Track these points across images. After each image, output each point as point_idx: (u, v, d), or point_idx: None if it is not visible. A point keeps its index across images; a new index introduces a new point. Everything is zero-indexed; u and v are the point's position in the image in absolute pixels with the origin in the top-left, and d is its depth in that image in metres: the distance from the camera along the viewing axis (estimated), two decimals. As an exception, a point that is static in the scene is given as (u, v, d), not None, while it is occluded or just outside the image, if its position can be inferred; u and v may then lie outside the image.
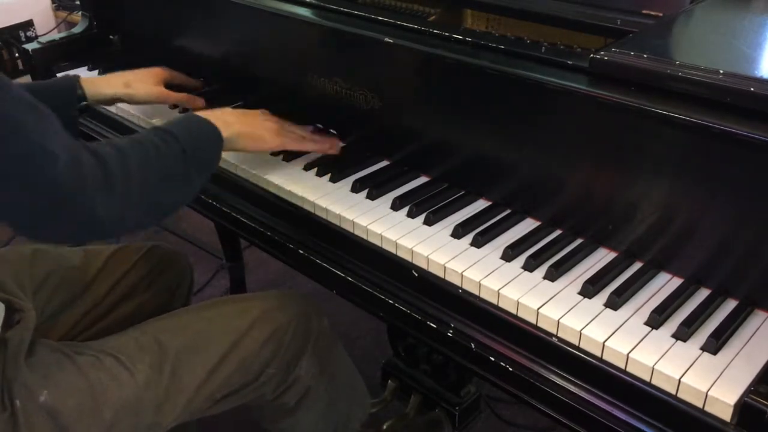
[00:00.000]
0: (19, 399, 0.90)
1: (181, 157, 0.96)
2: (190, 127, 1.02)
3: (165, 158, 0.94)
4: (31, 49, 1.62)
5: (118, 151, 0.89)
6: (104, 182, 0.84)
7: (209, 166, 1.04)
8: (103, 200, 0.84)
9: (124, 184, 0.87)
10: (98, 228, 0.87)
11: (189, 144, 0.97)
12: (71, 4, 2.85)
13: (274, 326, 1.12)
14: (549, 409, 0.86)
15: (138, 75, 1.32)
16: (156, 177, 0.93)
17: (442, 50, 1.03)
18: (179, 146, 0.96)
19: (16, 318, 0.96)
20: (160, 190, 0.94)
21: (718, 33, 0.99)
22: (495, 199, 1.06)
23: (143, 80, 1.31)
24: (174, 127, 0.99)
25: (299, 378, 1.15)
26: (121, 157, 0.88)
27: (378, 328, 1.89)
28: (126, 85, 1.29)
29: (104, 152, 0.87)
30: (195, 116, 1.06)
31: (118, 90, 1.28)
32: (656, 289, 0.89)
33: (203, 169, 1.01)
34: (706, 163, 0.82)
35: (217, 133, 1.04)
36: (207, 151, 1.02)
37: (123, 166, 0.87)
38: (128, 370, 0.99)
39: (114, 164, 0.86)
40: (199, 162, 0.99)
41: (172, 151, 0.95)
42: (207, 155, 1.02)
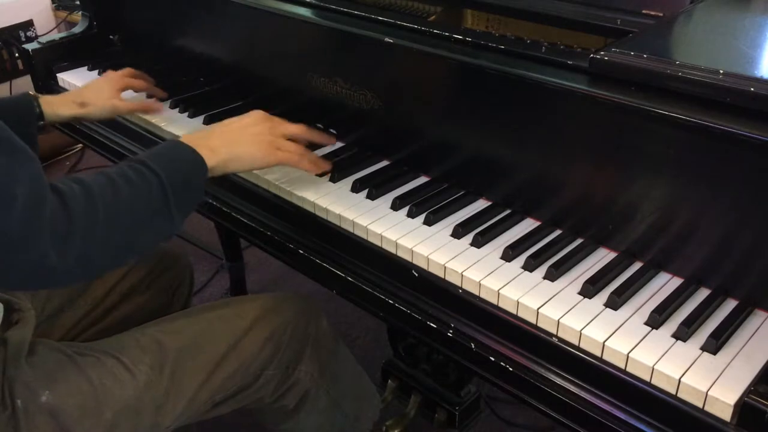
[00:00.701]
0: (21, 399, 0.90)
1: (159, 192, 0.88)
2: (172, 156, 0.95)
3: (139, 194, 0.87)
4: (31, 49, 1.62)
5: (85, 189, 0.82)
6: (65, 226, 0.78)
7: (192, 199, 0.96)
8: (60, 247, 0.77)
9: (87, 226, 0.80)
10: (54, 277, 0.80)
11: (169, 177, 0.89)
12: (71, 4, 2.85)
13: (273, 327, 1.11)
14: (549, 409, 0.86)
15: (94, 90, 1.29)
16: (127, 215, 0.85)
17: (442, 50, 1.03)
18: (157, 180, 0.88)
19: (15, 318, 0.95)
20: (132, 228, 0.86)
21: (718, 33, 0.99)
22: (495, 199, 1.06)
23: (99, 95, 1.27)
24: (153, 159, 0.91)
25: (298, 380, 1.15)
26: (86, 197, 0.81)
27: (378, 328, 1.89)
28: (81, 105, 1.26)
29: (68, 192, 0.80)
30: (178, 144, 0.98)
31: (73, 110, 1.25)
32: (656, 289, 0.89)
33: (185, 203, 0.93)
34: (706, 163, 0.82)
35: (200, 162, 0.96)
36: (189, 184, 0.94)
37: (88, 206, 0.81)
38: (129, 370, 0.99)
39: (77, 205, 0.79)
40: (180, 196, 0.91)
41: (148, 185, 0.88)
42: (189, 188, 0.94)
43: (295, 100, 1.30)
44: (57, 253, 0.76)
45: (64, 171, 2.90)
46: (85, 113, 1.26)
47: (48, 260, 0.76)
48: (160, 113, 1.35)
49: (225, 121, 1.07)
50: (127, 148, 1.43)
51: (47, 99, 1.24)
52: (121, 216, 0.84)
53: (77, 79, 1.57)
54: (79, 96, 1.27)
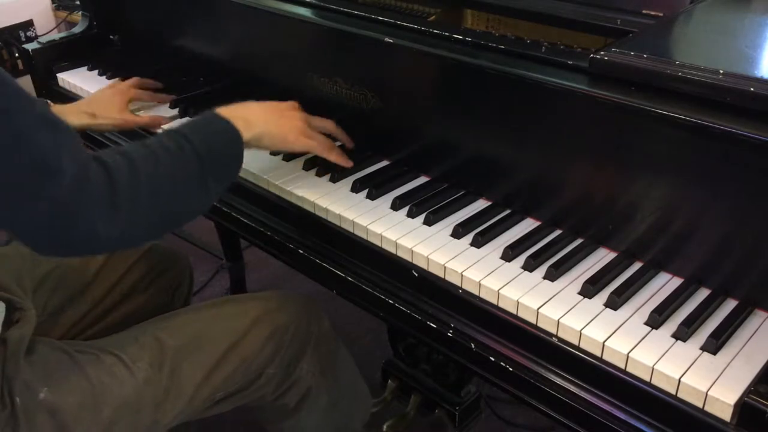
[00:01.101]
0: (20, 397, 0.91)
1: (197, 163, 0.91)
2: (208, 129, 0.97)
3: (178, 165, 0.89)
4: (31, 49, 1.62)
5: (128, 160, 0.85)
6: (110, 197, 0.81)
7: (229, 171, 0.98)
8: (107, 217, 0.81)
9: (132, 197, 0.83)
10: (99, 245, 0.85)
11: (205, 148, 0.92)
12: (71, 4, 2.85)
13: (274, 326, 1.12)
14: (549, 409, 0.86)
15: (103, 102, 1.31)
16: (168, 186, 0.88)
17: (442, 50, 1.03)
18: (194, 151, 0.91)
19: (16, 317, 0.96)
20: (173, 199, 0.89)
21: (718, 33, 0.99)
22: (495, 199, 1.06)
23: (108, 108, 1.30)
24: (190, 130, 0.94)
25: (300, 378, 1.15)
26: (129, 168, 0.84)
27: (378, 328, 1.89)
28: (92, 115, 1.28)
29: (112, 163, 0.83)
30: (215, 116, 0.99)
31: (84, 121, 1.27)
32: (656, 289, 0.89)
33: (222, 175, 0.96)
34: (706, 163, 0.82)
35: (237, 135, 0.98)
36: (226, 155, 0.96)
37: (132, 177, 0.84)
38: (128, 368, 0.99)
39: (122, 176, 0.83)
40: (217, 168, 0.94)
41: (186, 156, 0.90)
42: (226, 160, 0.97)
43: (295, 100, 1.29)
44: (104, 222, 0.80)
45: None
46: (95, 124, 1.29)
47: (96, 228, 0.80)
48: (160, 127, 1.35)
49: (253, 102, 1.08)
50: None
51: (61, 108, 1.25)
52: (163, 186, 0.88)
53: (77, 79, 1.57)
54: (89, 106, 1.29)
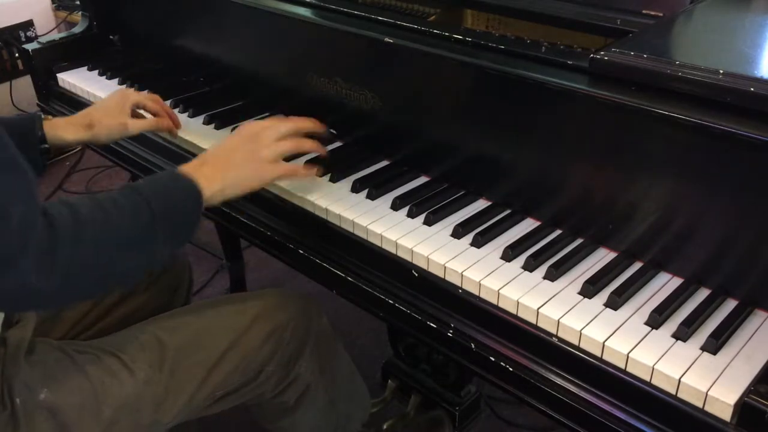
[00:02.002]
0: (20, 397, 0.91)
1: (149, 222, 0.86)
2: (165, 185, 0.92)
3: (128, 222, 0.85)
4: (31, 49, 1.62)
5: (74, 214, 0.81)
6: (50, 250, 0.76)
7: (185, 230, 0.93)
8: (44, 271, 0.75)
9: (72, 253, 0.79)
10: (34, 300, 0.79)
11: (159, 205, 0.87)
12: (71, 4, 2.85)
13: (274, 324, 1.12)
14: (549, 409, 0.86)
15: (101, 109, 1.21)
16: (115, 242, 0.84)
17: (442, 50, 1.03)
18: (147, 208, 0.86)
19: (16, 317, 0.96)
20: (117, 257, 0.84)
21: (718, 33, 0.99)
22: (495, 199, 1.06)
23: (106, 114, 1.20)
24: (146, 187, 0.89)
25: (299, 376, 1.16)
26: (75, 222, 0.80)
27: (378, 328, 1.89)
28: (88, 126, 1.18)
29: (57, 216, 0.79)
30: (174, 173, 0.96)
31: (79, 134, 1.18)
32: (656, 289, 0.89)
33: (177, 234, 0.91)
34: (706, 163, 0.82)
35: (195, 191, 0.93)
36: (182, 214, 0.92)
37: (75, 232, 0.79)
38: (128, 368, 0.99)
39: (65, 230, 0.78)
40: (171, 226, 0.89)
41: (137, 213, 0.86)
42: (182, 219, 0.92)
43: (295, 100, 1.30)
44: (41, 276, 0.75)
45: (64, 171, 2.90)
46: (92, 136, 1.19)
47: (31, 282, 0.75)
48: (174, 133, 1.28)
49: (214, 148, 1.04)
50: (127, 148, 1.43)
51: (53, 122, 1.18)
52: (108, 241, 0.83)
53: (77, 79, 1.57)
54: (86, 117, 1.20)
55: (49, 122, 1.17)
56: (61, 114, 1.58)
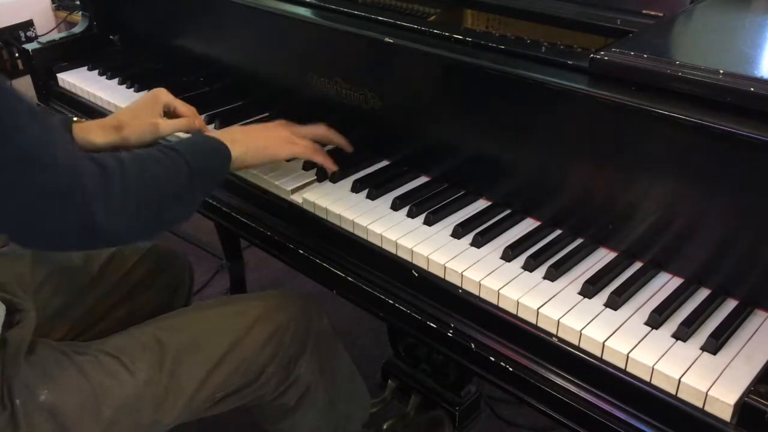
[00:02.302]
0: (19, 398, 0.91)
1: (185, 173, 0.94)
2: (196, 143, 1.02)
3: (167, 173, 0.93)
4: (31, 49, 1.62)
5: (120, 162, 0.87)
6: (104, 191, 0.82)
7: (214, 183, 1.04)
8: (101, 208, 0.82)
9: (123, 195, 0.85)
10: (94, 235, 0.84)
11: (193, 160, 0.96)
12: (71, 4, 2.85)
13: (274, 326, 1.12)
14: (549, 409, 0.86)
15: (131, 110, 1.20)
16: (156, 191, 0.91)
17: (442, 50, 1.03)
18: (183, 162, 0.94)
19: (17, 318, 0.96)
20: (160, 204, 0.91)
21: (718, 33, 0.99)
22: (495, 199, 1.06)
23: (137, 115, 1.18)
24: (179, 144, 0.98)
25: (299, 378, 1.15)
26: (122, 168, 0.86)
27: (378, 328, 1.89)
28: (117, 128, 1.15)
29: (106, 162, 0.85)
30: (202, 134, 1.06)
31: (109, 137, 1.15)
32: (656, 289, 0.89)
33: (207, 185, 1.01)
34: (706, 163, 0.82)
35: (223, 149, 1.02)
36: (212, 168, 1.01)
37: (123, 177, 0.86)
38: (128, 369, 0.99)
39: (114, 174, 0.84)
40: (203, 178, 0.98)
41: (175, 166, 0.94)
42: (212, 172, 1.01)
43: (295, 100, 1.30)
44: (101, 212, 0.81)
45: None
46: (122, 139, 1.15)
47: (96, 216, 0.81)
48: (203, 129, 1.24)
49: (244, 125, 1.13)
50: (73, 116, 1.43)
51: (83, 125, 1.16)
52: (152, 191, 0.90)
53: (77, 79, 1.57)
54: (116, 118, 1.18)
55: (79, 125, 1.15)
56: (61, 114, 1.58)
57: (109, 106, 1.47)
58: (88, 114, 1.52)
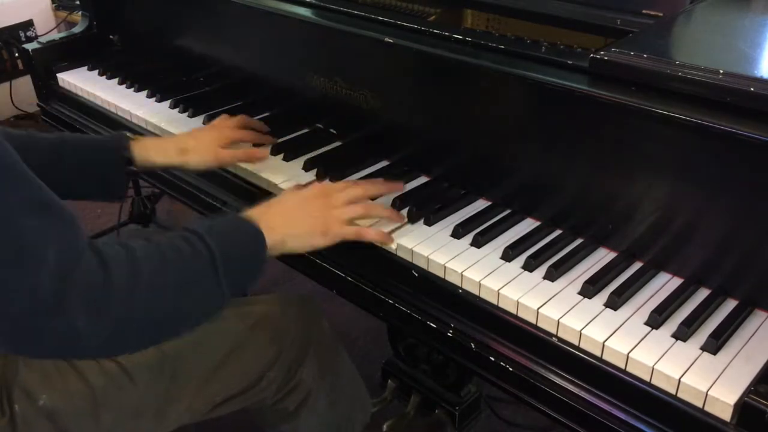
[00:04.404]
0: (18, 403, 0.90)
1: (210, 268, 0.82)
2: (229, 230, 0.89)
3: (188, 268, 0.81)
4: (31, 49, 1.62)
5: (130, 255, 0.77)
6: (101, 294, 0.73)
7: (247, 275, 0.89)
8: (93, 317, 0.72)
9: (127, 298, 0.75)
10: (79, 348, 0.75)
11: (223, 252, 0.83)
12: (71, 4, 2.85)
13: (276, 330, 1.11)
14: (549, 409, 0.86)
15: (199, 139, 1.17)
16: (173, 289, 0.79)
17: (442, 50, 1.03)
18: (209, 254, 0.82)
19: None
20: (177, 304, 0.80)
21: (718, 33, 0.99)
22: (495, 199, 1.06)
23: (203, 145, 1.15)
24: (207, 231, 0.84)
25: (300, 382, 1.14)
26: (130, 263, 0.76)
27: (378, 328, 1.89)
28: (182, 152, 1.14)
29: (112, 255, 0.75)
30: (238, 218, 0.92)
31: (171, 158, 1.14)
32: (656, 289, 0.89)
33: (239, 279, 0.87)
34: (706, 163, 0.82)
35: (260, 238, 0.89)
36: (245, 259, 0.88)
37: (131, 274, 0.75)
38: (127, 373, 0.98)
39: (120, 271, 0.75)
40: (233, 273, 0.85)
41: (198, 259, 0.81)
42: (245, 264, 0.88)
43: (295, 100, 1.30)
44: (89, 320, 0.72)
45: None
46: (184, 162, 1.14)
47: (77, 328, 0.71)
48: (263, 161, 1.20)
49: (282, 196, 1.02)
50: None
51: (143, 143, 1.14)
52: (166, 288, 0.79)
53: (77, 79, 1.57)
54: (181, 142, 1.16)
55: (138, 143, 1.13)
56: (61, 114, 1.58)
57: (109, 106, 1.47)
58: (89, 114, 1.52)
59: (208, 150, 1.15)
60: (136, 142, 1.13)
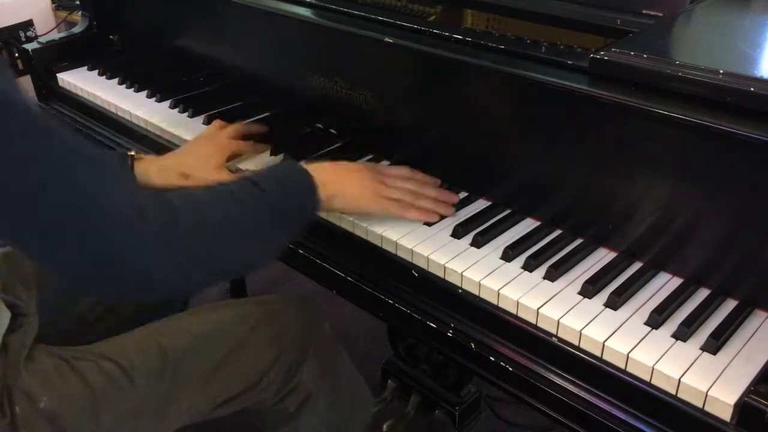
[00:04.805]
0: (19, 405, 0.90)
1: (267, 213, 0.87)
2: (285, 179, 0.93)
3: (248, 217, 0.86)
4: (31, 49, 1.62)
5: (195, 204, 0.82)
6: (170, 238, 0.77)
7: (300, 224, 0.94)
8: (165, 258, 0.77)
9: (194, 240, 0.80)
10: (153, 288, 0.80)
11: (278, 199, 0.88)
12: (71, 4, 2.84)
13: (276, 331, 1.11)
14: (549, 409, 0.86)
15: (198, 156, 1.16)
16: (235, 237, 0.84)
17: (442, 50, 1.03)
18: (266, 201, 0.87)
19: (19, 322, 0.95)
20: (236, 247, 0.85)
21: (718, 33, 0.99)
22: (495, 199, 1.06)
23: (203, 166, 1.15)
24: (265, 180, 0.90)
25: (300, 383, 1.14)
26: (195, 212, 0.81)
27: (378, 328, 1.89)
28: (183, 176, 1.13)
29: (176, 202, 0.80)
30: (294, 167, 0.96)
31: (172, 181, 1.13)
32: (656, 289, 0.89)
33: (292, 226, 0.92)
34: (706, 163, 0.82)
35: (312, 189, 0.94)
36: (298, 208, 0.93)
37: (197, 222, 0.80)
38: (128, 374, 0.98)
39: (186, 218, 0.79)
40: (287, 219, 0.90)
41: (256, 205, 0.87)
42: (298, 213, 0.93)
43: (295, 100, 1.30)
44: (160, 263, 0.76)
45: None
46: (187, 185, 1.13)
47: (150, 269, 0.76)
48: None
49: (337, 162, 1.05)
50: (128, 148, 1.43)
51: (145, 164, 1.14)
52: (227, 232, 0.83)
53: (77, 79, 1.57)
54: (182, 165, 1.15)
55: (140, 162, 1.13)
56: (61, 114, 1.58)
57: (109, 106, 1.47)
58: (89, 114, 1.52)
59: (208, 171, 1.14)
60: (138, 161, 1.13)
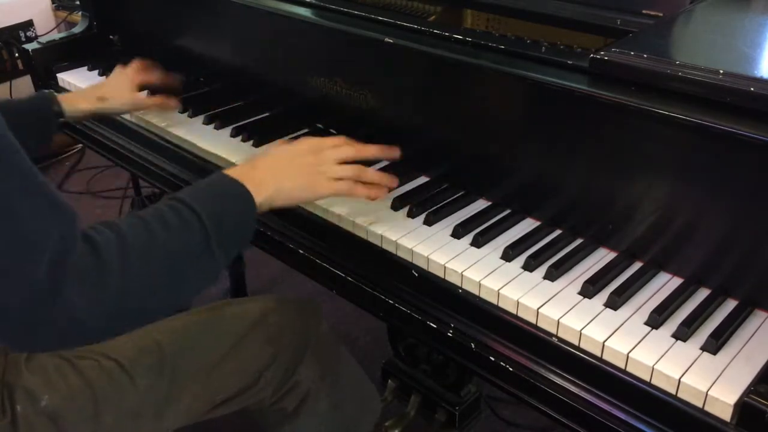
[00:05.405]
0: (20, 404, 0.90)
1: (200, 234, 0.81)
2: (215, 193, 0.88)
3: (180, 241, 0.80)
4: (31, 49, 1.62)
5: (118, 235, 0.76)
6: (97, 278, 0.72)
7: (239, 237, 0.88)
8: (92, 300, 0.72)
9: (122, 277, 0.74)
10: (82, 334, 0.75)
11: (210, 216, 0.82)
12: (71, 4, 2.85)
13: (273, 330, 1.11)
14: (549, 409, 0.86)
15: (112, 85, 1.34)
16: (166, 262, 0.79)
17: (442, 50, 1.03)
18: (197, 220, 0.81)
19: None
20: (171, 276, 0.80)
21: (718, 33, 0.99)
22: (495, 199, 1.06)
23: (118, 90, 1.32)
24: (193, 196, 0.84)
25: (298, 383, 1.15)
26: (120, 246, 0.75)
27: (378, 328, 1.89)
28: (101, 99, 1.30)
29: (101, 241, 0.74)
30: (222, 179, 0.90)
31: (93, 105, 1.30)
32: (656, 289, 0.89)
33: (231, 242, 0.86)
34: (706, 163, 0.82)
35: (247, 197, 0.88)
36: (235, 221, 0.87)
37: (122, 255, 0.75)
38: (128, 373, 0.98)
39: (111, 255, 0.74)
40: (224, 235, 0.84)
41: (187, 227, 0.81)
42: (235, 226, 0.87)
43: (295, 100, 1.30)
44: (88, 304, 0.72)
45: (64, 171, 2.90)
46: (106, 107, 1.31)
47: (78, 314, 0.71)
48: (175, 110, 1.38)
49: (271, 150, 1.00)
50: (127, 148, 1.43)
51: (66, 96, 1.29)
52: (158, 262, 0.78)
53: (77, 79, 1.57)
54: (98, 91, 1.32)
55: (62, 96, 1.28)
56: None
57: (109, 106, 1.47)
58: (88, 114, 1.52)
59: (123, 94, 1.32)
60: (60, 95, 1.27)
